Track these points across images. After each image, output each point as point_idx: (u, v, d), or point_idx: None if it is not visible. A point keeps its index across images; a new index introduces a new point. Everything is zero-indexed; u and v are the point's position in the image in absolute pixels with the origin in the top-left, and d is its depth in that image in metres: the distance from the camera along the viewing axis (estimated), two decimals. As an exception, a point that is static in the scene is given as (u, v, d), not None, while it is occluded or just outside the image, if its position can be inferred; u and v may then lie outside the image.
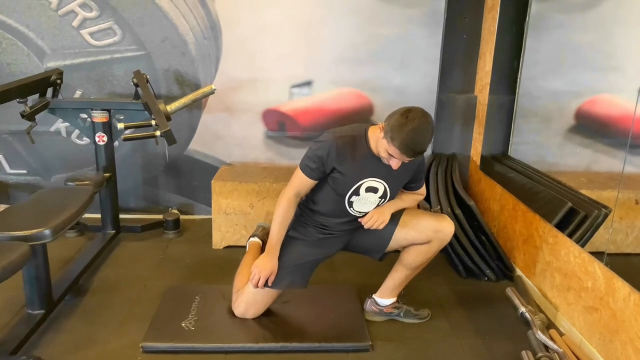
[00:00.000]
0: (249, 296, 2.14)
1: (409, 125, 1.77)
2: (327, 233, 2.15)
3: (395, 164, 1.88)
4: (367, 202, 2.05)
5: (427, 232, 2.08)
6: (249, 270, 2.18)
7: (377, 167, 1.99)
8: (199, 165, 3.32)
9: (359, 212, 2.08)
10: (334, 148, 1.95)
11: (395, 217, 2.11)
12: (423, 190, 2.24)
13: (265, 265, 2.04)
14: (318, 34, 3.13)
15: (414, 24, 3.10)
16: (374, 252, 2.20)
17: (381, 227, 2.05)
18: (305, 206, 2.16)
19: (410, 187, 2.18)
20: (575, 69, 2.60)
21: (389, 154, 1.85)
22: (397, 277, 2.21)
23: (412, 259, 2.14)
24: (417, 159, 2.01)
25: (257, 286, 2.05)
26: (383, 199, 2.06)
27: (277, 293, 2.16)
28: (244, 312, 2.16)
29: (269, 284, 2.06)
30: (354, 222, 2.13)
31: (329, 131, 2.03)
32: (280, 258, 2.08)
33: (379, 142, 1.90)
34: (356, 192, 2.02)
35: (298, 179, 2.03)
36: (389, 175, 2.01)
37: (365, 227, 2.06)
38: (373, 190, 2.03)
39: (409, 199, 2.20)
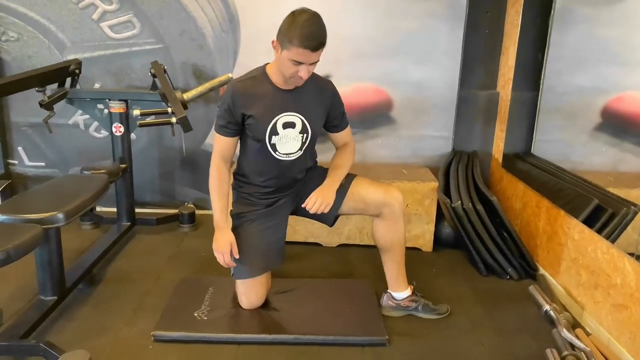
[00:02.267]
0: (241, 288, 2.12)
1: (299, 18, 1.76)
2: (269, 197, 2.09)
3: (304, 71, 1.81)
4: (289, 140, 1.98)
5: (375, 205, 2.05)
6: None
7: (287, 101, 1.95)
8: (215, 160, 3.29)
9: (285, 154, 2.00)
10: (236, 94, 1.92)
11: (344, 187, 2.06)
12: (349, 133, 2.17)
13: (220, 241, 1.99)
14: (336, 27, 3.05)
15: (435, 17, 3.04)
16: (324, 218, 2.14)
17: (326, 210, 1.98)
18: (239, 174, 2.12)
19: (332, 126, 2.11)
20: (601, 64, 2.52)
21: (294, 61, 1.78)
22: (389, 265, 2.16)
23: (383, 240, 2.11)
24: (327, 86, 2.02)
25: (227, 265, 2.00)
26: (305, 134, 2.00)
27: (264, 275, 2.11)
28: (248, 302, 2.12)
29: (235, 256, 2.00)
30: (289, 178, 2.07)
31: (229, 82, 2.00)
32: (242, 248, 2.03)
33: (280, 62, 1.84)
34: (274, 131, 1.96)
35: (217, 142, 2.01)
36: (302, 107, 1.97)
37: (311, 212, 1.98)
38: (290, 125, 1.97)
39: (345, 160, 2.13)
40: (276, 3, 3.03)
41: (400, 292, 2.17)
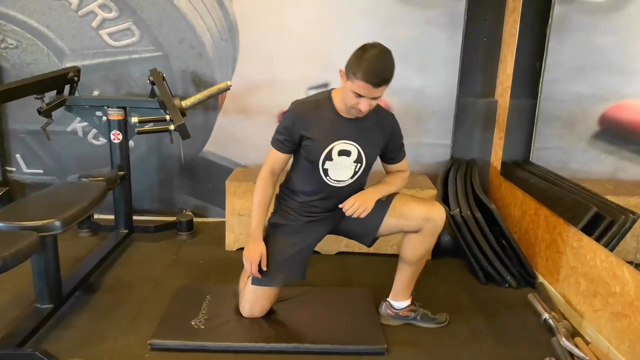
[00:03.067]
0: (251, 295, 2.09)
1: (368, 53, 1.76)
2: (311, 215, 2.08)
3: (364, 105, 1.81)
4: (342, 167, 1.98)
5: (417, 220, 2.01)
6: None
7: (346, 129, 1.94)
8: (214, 167, 3.29)
9: (336, 180, 1.99)
10: (298, 115, 1.93)
11: (385, 203, 2.04)
12: (405, 164, 2.16)
13: (252, 251, 1.98)
14: (335, 35, 3.10)
15: (433, 25, 3.05)
16: (363, 237, 2.13)
17: (364, 215, 1.96)
18: (286, 187, 2.11)
19: (390, 158, 2.11)
20: (599, 72, 2.53)
21: (356, 93, 1.79)
22: (403, 277, 2.14)
23: (411, 254, 2.07)
24: (388, 118, 2.00)
25: (253, 274, 1.99)
26: (359, 164, 1.99)
27: (278, 289, 2.10)
28: (250, 311, 2.10)
29: (263, 268, 1.99)
30: (336, 200, 2.04)
31: (293, 101, 2.00)
32: (271, 253, 2.01)
33: (343, 91, 1.85)
34: (329, 157, 1.95)
35: (271, 155, 2.01)
36: (360, 136, 1.96)
37: (347, 214, 1.96)
38: (346, 153, 1.96)
39: (395, 181, 2.11)
40: (275, 12, 3.06)
41: (400, 301, 2.16)
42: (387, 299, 2.20)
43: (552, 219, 2.45)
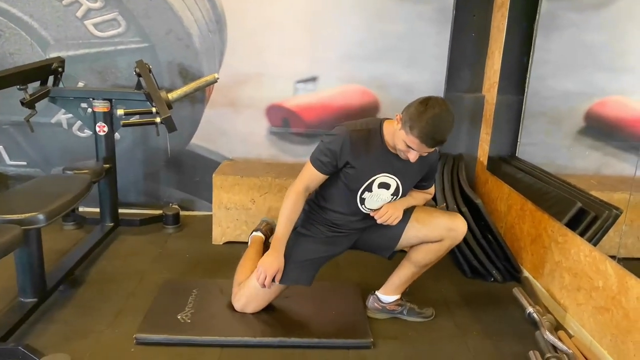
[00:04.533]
0: (252, 291, 2.07)
1: (429, 112, 1.70)
2: (336, 231, 2.08)
3: (413, 156, 1.81)
4: (378, 199, 1.99)
5: (439, 231, 2.01)
6: (252, 264, 2.12)
7: (390, 163, 1.93)
8: (201, 161, 3.27)
9: (370, 209, 2.01)
10: (347, 142, 1.88)
11: (407, 214, 2.04)
12: (432, 189, 2.18)
13: (271, 263, 1.95)
14: (324, 29, 3.09)
15: (422, 20, 3.05)
16: (383, 249, 2.13)
17: (395, 222, 1.98)
18: (315, 203, 2.09)
19: (421, 185, 2.12)
20: (585, 69, 2.55)
21: (408, 145, 1.77)
22: (403, 275, 2.15)
23: (422, 257, 2.07)
24: (432, 156, 1.98)
25: (263, 285, 1.96)
26: (395, 197, 2.00)
27: (281, 289, 2.08)
28: (244, 306, 2.09)
29: (276, 281, 1.98)
30: (365, 221, 2.06)
31: (343, 124, 1.96)
32: (286, 253, 1.99)
33: (395, 134, 1.83)
34: (369, 188, 1.96)
35: (308, 173, 1.95)
36: (402, 171, 1.96)
37: (379, 222, 1.98)
38: (385, 186, 1.97)
39: (419, 197, 2.14)
40: (264, 5, 3.03)
41: (389, 296, 2.17)
42: (375, 292, 2.20)
43: (537, 214, 2.47)
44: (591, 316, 2.01)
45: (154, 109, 2.47)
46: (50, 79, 2.75)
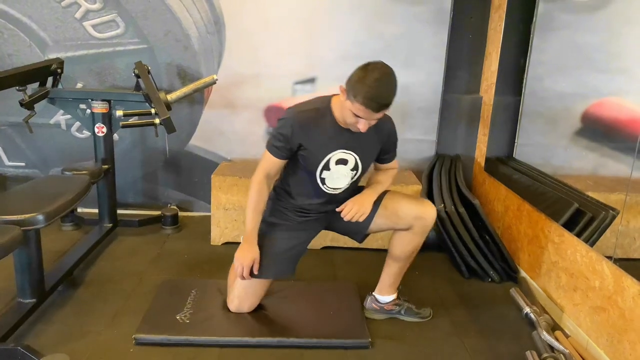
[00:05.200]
0: (240, 290, 2.09)
1: (370, 77, 1.70)
2: (306, 216, 2.08)
3: (363, 125, 1.79)
4: (339, 176, 1.97)
5: (408, 219, 2.02)
6: None
7: (344, 138, 1.92)
8: (199, 162, 3.27)
9: (333, 188, 2.00)
10: (297, 123, 1.88)
11: (376, 201, 2.04)
12: (395, 163, 2.17)
13: (245, 254, 1.96)
14: (322, 30, 3.10)
15: (420, 21, 3.06)
16: (354, 234, 2.15)
17: (362, 219, 1.97)
18: (282, 189, 2.10)
19: (382, 159, 2.11)
20: (582, 70, 2.56)
21: (355, 114, 1.76)
22: (390, 272, 2.16)
23: (400, 250, 2.09)
24: (386, 126, 1.98)
25: (243, 278, 1.98)
26: (355, 172, 1.99)
27: (268, 283, 2.10)
28: (239, 306, 2.11)
29: (255, 272, 1.99)
30: (332, 204, 2.05)
31: (292, 107, 1.95)
32: (264, 248, 2.00)
33: (343, 107, 1.82)
34: (326, 167, 1.94)
35: (266, 160, 1.96)
36: (358, 146, 1.94)
37: (345, 219, 1.97)
38: (343, 162, 1.95)
39: (386, 178, 2.13)
40: (262, 6, 3.04)
41: (386, 296, 2.18)
42: (373, 293, 2.21)
43: (534, 215, 2.49)
44: (588, 316, 2.03)
45: (152, 110, 2.48)
46: (49, 80, 2.76)
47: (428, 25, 3.07)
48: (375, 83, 1.70)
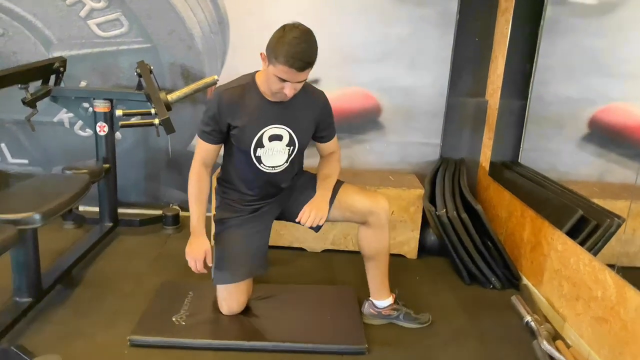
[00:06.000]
0: (223, 293, 2.08)
1: (288, 35, 1.69)
2: (255, 204, 2.05)
3: (289, 89, 1.76)
4: (275, 153, 1.94)
5: (360, 214, 2.02)
6: None
7: (275, 113, 1.89)
8: (201, 162, 3.26)
9: (271, 166, 1.96)
10: (222, 103, 1.85)
11: (331, 195, 2.03)
12: (336, 142, 2.14)
13: (194, 249, 1.94)
14: (326, 31, 3.06)
15: (425, 24, 3.03)
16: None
17: (322, 222, 1.96)
18: (223, 179, 2.08)
19: (320, 137, 2.07)
20: (589, 75, 2.52)
21: (279, 78, 1.73)
22: (372, 274, 2.14)
23: (367, 248, 2.08)
24: (318, 98, 1.96)
25: (198, 271, 1.95)
26: (291, 147, 1.95)
27: (247, 282, 2.08)
28: (229, 308, 2.09)
29: (209, 264, 1.96)
30: (275, 187, 2.04)
31: (217, 87, 1.93)
32: (226, 250, 1.99)
33: (267, 76, 1.78)
34: (259, 144, 1.91)
35: (200, 148, 1.94)
36: (290, 119, 1.91)
37: (306, 226, 1.96)
38: (277, 138, 1.92)
39: (334, 169, 2.10)
40: (266, 7, 3.02)
41: (382, 300, 2.16)
42: (370, 298, 2.19)
43: (537, 221, 2.45)
44: (589, 326, 1.99)
45: (153, 110, 2.47)
46: (52, 78, 2.76)
47: (434, 27, 3.04)
48: (295, 40, 1.68)
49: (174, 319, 2.06)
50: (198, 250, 1.94)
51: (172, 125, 2.37)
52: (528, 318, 2.17)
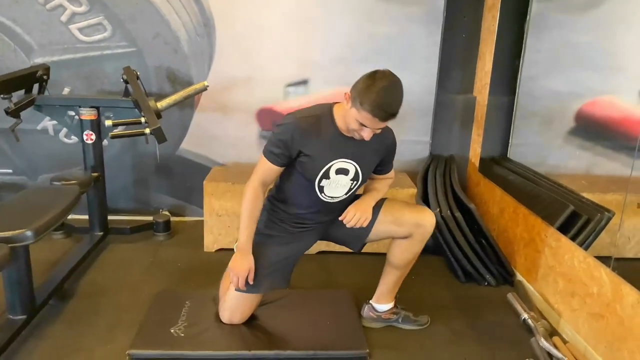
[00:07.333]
0: (232, 302, 2.05)
1: (378, 84, 1.67)
2: (301, 226, 2.04)
3: (367, 134, 1.76)
4: (338, 186, 1.93)
5: (407, 226, 2.00)
6: None
7: (345, 147, 1.88)
8: (191, 166, 3.22)
9: (331, 197, 1.96)
10: (298, 130, 1.82)
11: (375, 209, 2.01)
12: (392, 173, 2.15)
13: (240, 265, 1.92)
14: (314, 32, 3.05)
15: (413, 22, 3.03)
16: (352, 243, 2.11)
17: (365, 224, 1.95)
18: (276, 198, 2.05)
19: (379, 170, 2.08)
20: (575, 69, 2.54)
21: (360, 123, 1.72)
22: (389, 280, 2.13)
23: (399, 258, 2.06)
24: (388, 137, 1.96)
25: (239, 287, 1.94)
26: (355, 182, 1.95)
27: (260, 296, 2.07)
28: (230, 318, 2.07)
29: (250, 282, 1.95)
30: (327, 213, 2.02)
31: (292, 112, 1.90)
32: (257, 260, 1.96)
33: (347, 114, 1.77)
34: (326, 175, 1.90)
35: (263, 167, 1.91)
36: (359, 155, 1.91)
37: (348, 225, 1.94)
38: (344, 172, 1.91)
39: (383, 186, 2.10)
40: (252, 8, 2.99)
41: (383, 304, 2.16)
42: (370, 302, 2.19)
43: (530, 218, 2.47)
44: (586, 322, 2.02)
45: (142, 119, 2.42)
46: (35, 87, 2.69)
47: (421, 25, 3.04)
48: (383, 92, 1.67)
49: (172, 331, 2.03)
50: (243, 267, 1.91)
51: (163, 134, 2.33)
52: (525, 316, 2.20)
